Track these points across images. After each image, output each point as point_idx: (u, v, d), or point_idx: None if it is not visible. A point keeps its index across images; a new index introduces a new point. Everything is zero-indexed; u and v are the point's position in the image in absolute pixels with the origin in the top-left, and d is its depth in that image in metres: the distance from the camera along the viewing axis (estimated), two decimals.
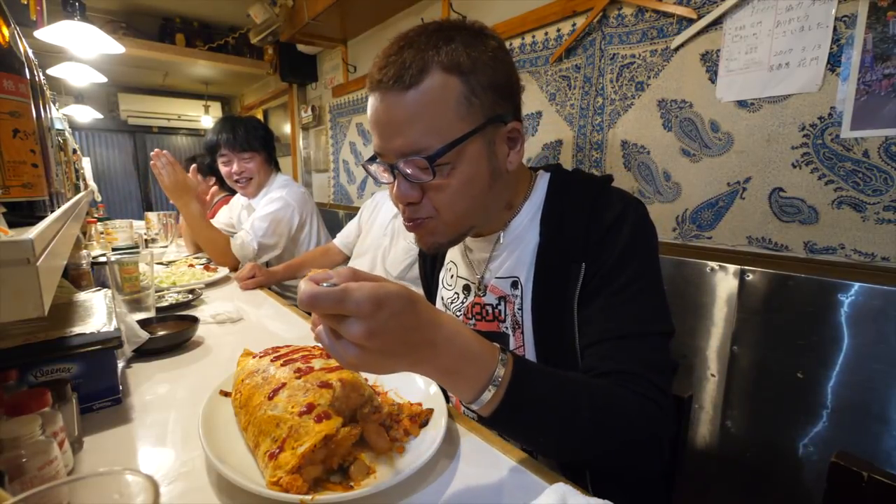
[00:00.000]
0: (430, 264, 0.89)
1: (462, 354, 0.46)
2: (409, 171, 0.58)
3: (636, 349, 0.57)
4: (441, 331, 0.44)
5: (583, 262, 0.62)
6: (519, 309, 0.68)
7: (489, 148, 0.60)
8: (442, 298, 0.82)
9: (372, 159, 0.63)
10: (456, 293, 0.78)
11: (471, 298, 0.74)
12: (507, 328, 0.69)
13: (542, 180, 0.71)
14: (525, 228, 0.69)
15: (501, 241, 0.70)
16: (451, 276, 0.81)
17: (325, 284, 0.39)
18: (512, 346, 0.68)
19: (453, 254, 0.81)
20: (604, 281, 0.60)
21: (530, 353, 0.67)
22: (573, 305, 0.62)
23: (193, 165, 2.33)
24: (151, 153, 1.58)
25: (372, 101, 0.60)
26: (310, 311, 0.40)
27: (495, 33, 0.62)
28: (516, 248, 0.69)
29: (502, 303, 0.70)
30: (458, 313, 0.76)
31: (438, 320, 0.44)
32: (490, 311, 0.71)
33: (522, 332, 0.67)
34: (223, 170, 1.79)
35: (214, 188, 2.41)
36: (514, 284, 0.68)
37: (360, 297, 0.38)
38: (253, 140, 1.73)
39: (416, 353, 0.43)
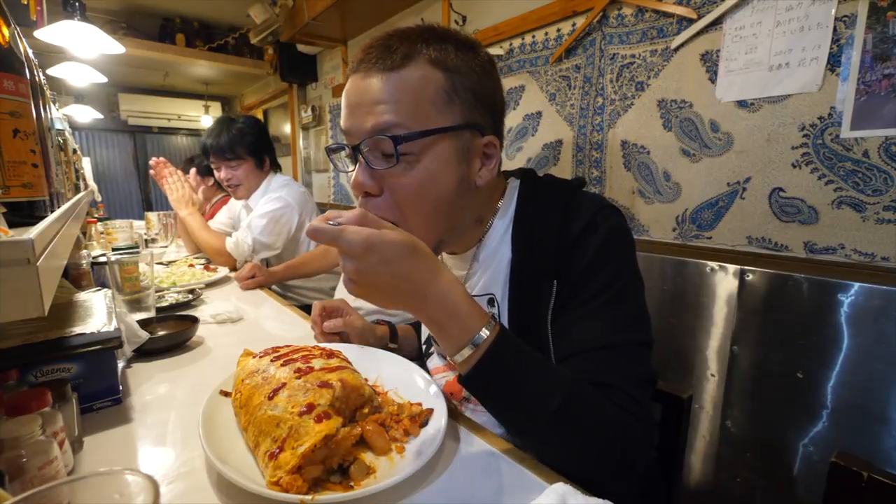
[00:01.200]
0: None
1: (449, 311, 0.49)
2: (372, 154, 0.56)
3: (610, 360, 0.55)
4: (434, 286, 0.48)
5: (554, 279, 0.60)
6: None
7: (462, 154, 0.58)
8: None
9: (339, 148, 0.62)
10: None
11: None
12: None
13: (513, 191, 0.68)
14: (498, 243, 0.66)
15: (476, 258, 0.68)
16: None
17: (331, 222, 0.45)
18: None
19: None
20: (573, 292, 0.58)
21: None
22: (547, 323, 0.60)
23: (193, 169, 2.33)
24: (151, 161, 1.60)
25: (350, 82, 0.58)
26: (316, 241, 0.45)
27: (488, 52, 0.62)
28: (490, 265, 0.67)
29: None
30: None
31: (435, 275, 0.48)
32: None
33: None
34: (215, 174, 1.80)
35: (205, 188, 2.41)
36: (491, 302, 0.67)
37: (353, 238, 0.44)
38: (238, 147, 1.70)
39: (405, 297, 0.48)
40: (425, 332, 0.84)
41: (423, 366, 0.77)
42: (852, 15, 0.91)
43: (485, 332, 0.49)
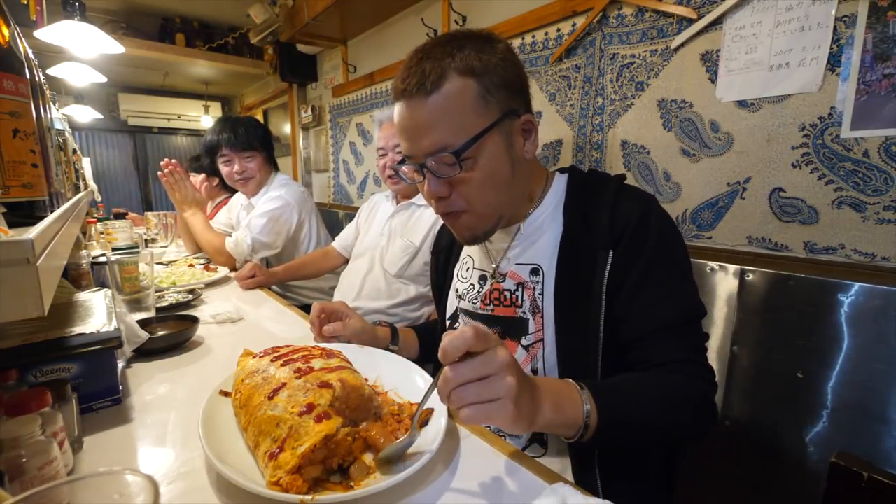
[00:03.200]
0: (443, 260, 0.92)
1: (555, 392, 0.52)
2: (437, 167, 0.64)
3: (681, 338, 0.64)
4: (529, 378, 0.50)
5: (610, 249, 0.66)
6: (539, 294, 0.71)
7: (507, 139, 0.66)
8: (456, 290, 0.85)
9: (401, 163, 0.70)
10: (472, 284, 0.81)
11: (487, 286, 0.78)
12: (524, 313, 0.72)
13: (561, 177, 0.77)
14: (546, 219, 0.73)
15: (522, 231, 0.74)
16: (467, 269, 0.84)
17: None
18: (531, 329, 0.71)
19: (472, 248, 0.85)
20: (644, 277, 0.64)
21: (549, 336, 0.69)
22: (601, 290, 0.65)
23: (203, 175, 2.32)
24: (161, 162, 1.61)
25: (397, 109, 0.66)
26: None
27: (501, 38, 0.68)
28: (538, 238, 0.73)
29: (520, 289, 0.73)
30: (474, 301, 0.79)
31: (529, 376, 0.50)
32: (508, 296, 0.74)
33: (542, 317, 0.70)
34: (224, 170, 1.79)
35: (207, 184, 2.41)
36: (535, 272, 0.72)
37: (503, 352, 0.45)
38: (253, 139, 1.74)
39: (534, 393, 0.49)
40: (450, 308, 0.87)
41: (423, 367, 0.78)
42: (852, 15, 0.91)
43: (586, 403, 0.53)
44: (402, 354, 0.83)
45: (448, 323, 0.87)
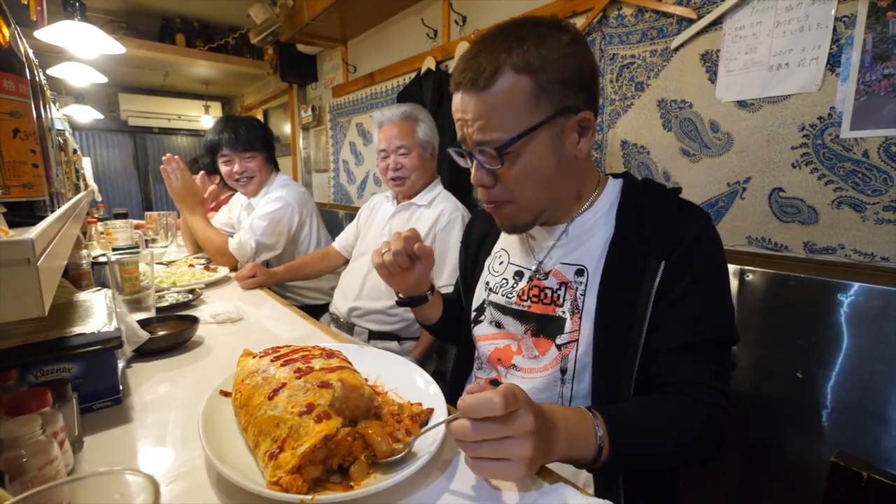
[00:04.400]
0: (473, 252, 0.92)
1: (568, 425, 0.52)
2: (482, 158, 0.66)
3: (710, 360, 0.63)
4: (544, 410, 0.50)
5: (663, 259, 0.65)
6: (581, 295, 0.70)
7: (556, 138, 0.65)
8: (487, 283, 0.84)
9: (457, 146, 0.71)
10: (504, 279, 0.81)
11: (524, 283, 0.77)
12: (563, 312, 0.72)
13: (615, 182, 0.76)
14: (597, 222, 0.72)
15: (568, 231, 0.74)
16: (501, 263, 0.84)
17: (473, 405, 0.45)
18: (567, 328, 0.70)
19: (507, 243, 0.85)
20: (689, 290, 0.64)
21: (585, 337, 0.69)
22: (650, 298, 0.64)
23: (202, 172, 2.32)
24: (164, 157, 1.60)
25: (455, 97, 0.68)
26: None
27: (572, 26, 0.66)
28: (586, 240, 0.72)
29: (563, 288, 0.72)
30: (508, 296, 0.79)
31: (538, 405, 0.50)
32: (549, 294, 0.74)
33: (581, 318, 0.70)
34: (224, 169, 1.79)
35: (214, 188, 2.41)
36: (580, 272, 0.71)
37: (525, 419, 0.46)
38: (254, 139, 1.74)
39: (550, 438, 0.50)
40: (477, 299, 0.86)
41: (468, 337, 0.83)
42: (852, 15, 0.91)
43: (598, 426, 0.54)
44: (429, 311, 0.89)
45: (473, 315, 0.86)
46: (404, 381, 0.68)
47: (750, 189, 1.09)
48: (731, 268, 1.09)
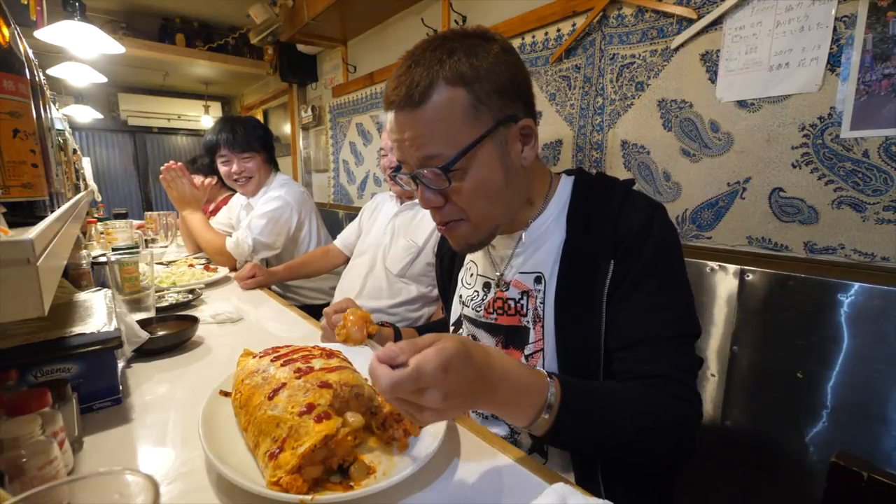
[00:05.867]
0: (447, 265, 0.91)
1: (516, 388, 0.50)
2: (427, 179, 0.63)
3: (669, 352, 0.60)
4: (495, 371, 0.48)
5: (612, 258, 0.64)
6: (541, 303, 0.69)
7: (501, 148, 0.63)
8: (460, 297, 0.84)
9: (398, 169, 0.68)
10: (476, 291, 0.80)
11: (491, 294, 0.76)
12: (528, 322, 0.71)
13: (566, 181, 0.74)
14: (550, 226, 0.71)
15: (524, 238, 0.72)
16: (471, 275, 0.83)
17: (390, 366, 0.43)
18: (532, 338, 0.70)
19: (475, 254, 0.83)
20: (636, 285, 0.62)
21: (549, 346, 0.68)
22: (602, 300, 0.64)
23: (212, 177, 2.30)
24: (162, 167, 1.62)
25: (389, 118, 0.65)
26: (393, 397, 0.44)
27: (499, 35, 0.65)
28: (541, 245, 0.71)
29: (525, 297, 0.72)
30: (477, 309, 0.78)
31: (491, 362, 0.48)
32: (512, 305, 0.73)
33: (543, 326, 0.69)
34: (222, 169, 1.79)
35: (213, 184, 2.41)
36: (538, 279, 0.71)
37: (432, 369, 0.42)
38: (252, 140, 1.74)
39: (483, 394, 0.48)
40: (454, 313, 0.86)
41: None
42: (852, 15, 0.91)
43: (551, 391, 0.52)
44: None
45: (452, 329, 0.86)
46: None
47: (750, 189, 1.09)
48: (731, 268, 1.09)
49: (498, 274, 0.76)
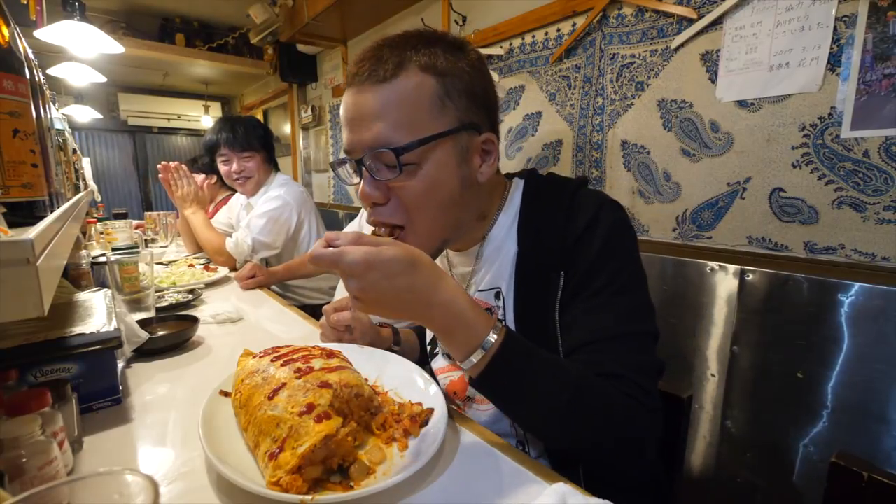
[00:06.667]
0: None
1: (456, 318, 0.50)
2: (375, 167, 0.58)
3: (617, 351, 0.56)
4: (438, 294, 0.49)
5: (562, 270, 0.61)
6: (501, 318, 0.68)
7: (461, 154, 0.60)
8: None
9: (342, 162, 0.64)
10: None
11: None
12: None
13: (517, 188, 0.70)
14: (503, 239, 0.68)
15: (481, 254, 0.70)
16: None
17: (331, 246, 0.47)
18: None
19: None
20: (581, 286, 0.60)
21: None
22: (555, 314, 0.61)
23: (213, 177, 2.30)
24: (159, 166, 1.63)
25: (346, 97, 0.60)
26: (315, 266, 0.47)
27: (477, 50, 0.64)
28: (496, 259, 0.68)
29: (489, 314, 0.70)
30: None
31: (437, 285, 0.49)
32: None
33: None
34: (222, 169, 1.79)
35: (213, 184, 2.41)
36: (497, 295, 0.68)
37: (352, 259, 0.45)
38: (252, 139, 1.75)
39: (412, 309, 0.49)
40: (430, 332, 0.84)
41: (426, 367, 0.77)
42: (852, 15, 0.91)
43: (492, 336, 0.51)
44: (404, 356, 0.80)
45: (429, 349, 0.85)
46: (404, 381, 0.68)
47: (750, 189, 1.09)
48: (731, 268, 1.09)
49: None
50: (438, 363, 0.80)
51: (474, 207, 0.66)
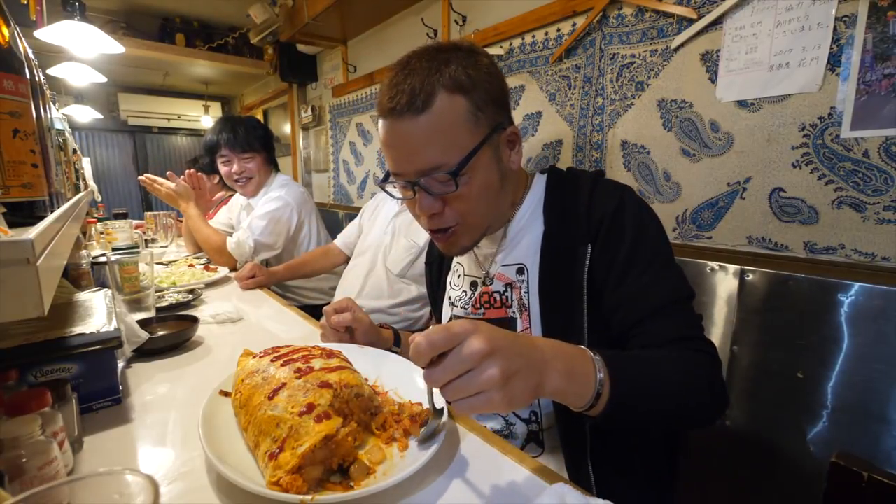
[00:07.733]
0: (436, 271, 0.93)
1: (565, 351, 0.49)
2: (430, 185, 0.64)
3: (682, 314, 0.64)
4: (538, 341, 0.48)
5: (588, 243, 0.67)
6: (525, 293, 0.72)
7: (496, 153, 0.67)
8: (449, 298, 0.85)
9: (385, 179, 0.69)
10: (464, 291, 0.82)
11: (478, 291, 0.79)
12: (513, 312, 0.73)
13: (540, 178, 0.79)
14: (528, 220, 0.75)
15: (507, 235, 0.76)
16: (458, 277, 0.85)
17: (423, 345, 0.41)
18: (519, 328, 0.72)
19: (461, 256, 0.85)
20: (630, 263, 0.65)
21: (536, 333, 0.70)
22: (582, 284, 0.66)
23: (192, 170, 2.31)
24: (140, 178, 1.68)
25: (385, 126, 0.65)
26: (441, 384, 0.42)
27: (484, 50, 0.69)
28: (522, 239, 0.75)
29: (509, 289, 0.74)
30: (465, 307, 0.80)
31: (530, 337, 0.52)
32: (498, 298, 0.76)
33: (529, 315, 0.71)
34: (223, 170, 1.79)
35: (216, 184, 2.41)
36: (520, 271, 0.73)
37: (476, 346, 0.40)
38: (253, 140, 1.75)
39: (536, 366, 0.44)
40: (445, 316, 0.87)
41: None
42: (852, 15, 0.91)
43: (595, 356, 0.50)
44: (404, 357, 0.82)
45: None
46: (404, 381, 0.68)
47: (750, 189, 1.09)
48: (731, 268, 1.09)
49: (483, 272, 0.78)
50: None
51: (510, 194, 0.74)
